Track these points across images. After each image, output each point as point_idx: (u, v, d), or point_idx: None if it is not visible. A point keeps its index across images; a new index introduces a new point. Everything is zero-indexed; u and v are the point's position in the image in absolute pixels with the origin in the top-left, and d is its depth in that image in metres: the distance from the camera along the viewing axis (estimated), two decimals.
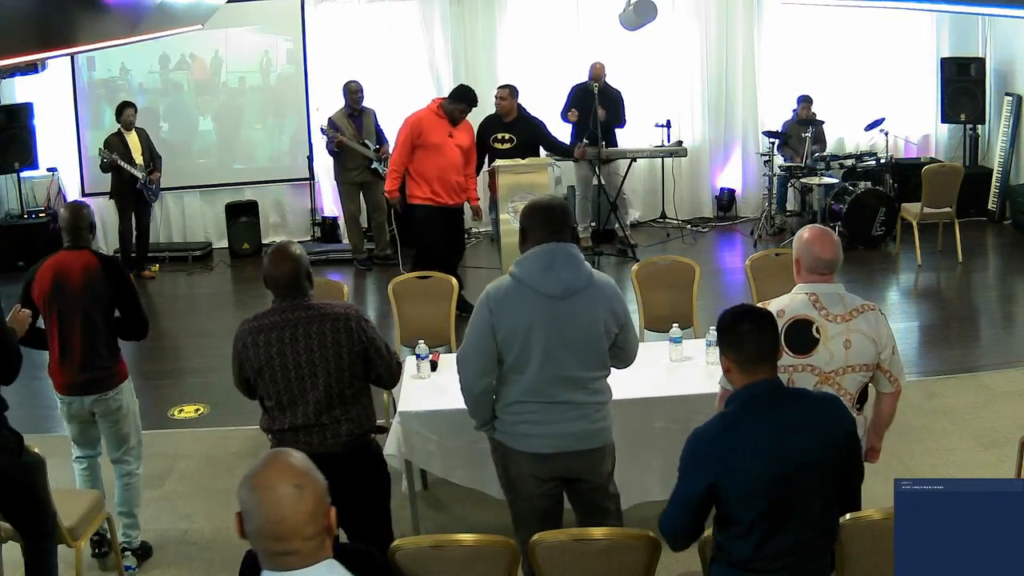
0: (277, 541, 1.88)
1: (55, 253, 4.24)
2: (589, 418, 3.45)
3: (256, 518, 1.88)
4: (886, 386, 3.48)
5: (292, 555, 1.89)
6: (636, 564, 3.00)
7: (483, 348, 3.40)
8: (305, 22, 10.00)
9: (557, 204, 3.51)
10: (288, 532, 1.88)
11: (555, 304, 3.34)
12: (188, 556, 4.60)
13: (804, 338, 3.35)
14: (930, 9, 9.04)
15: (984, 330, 7.55)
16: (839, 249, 3.47)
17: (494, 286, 3.45)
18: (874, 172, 9.57)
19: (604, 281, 3.47)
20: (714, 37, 10.36)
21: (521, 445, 3.47)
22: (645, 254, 8.72)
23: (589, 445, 3.47)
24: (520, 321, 3.35)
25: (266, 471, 1.91)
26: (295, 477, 1.90)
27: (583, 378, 3.42)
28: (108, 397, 4.30)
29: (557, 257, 3.37)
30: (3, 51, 3.15)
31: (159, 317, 8.62)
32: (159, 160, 9.18)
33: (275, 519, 1.87)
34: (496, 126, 7.82)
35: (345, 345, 3.46)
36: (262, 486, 1.89)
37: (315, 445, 3.45)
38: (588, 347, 3.40)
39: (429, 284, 5.71)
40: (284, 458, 1.95)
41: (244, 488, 1.91)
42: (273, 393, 3.49)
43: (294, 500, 1.88)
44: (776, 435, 2.69)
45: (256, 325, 3.48)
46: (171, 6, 5.66)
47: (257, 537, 1.90)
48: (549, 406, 3.41)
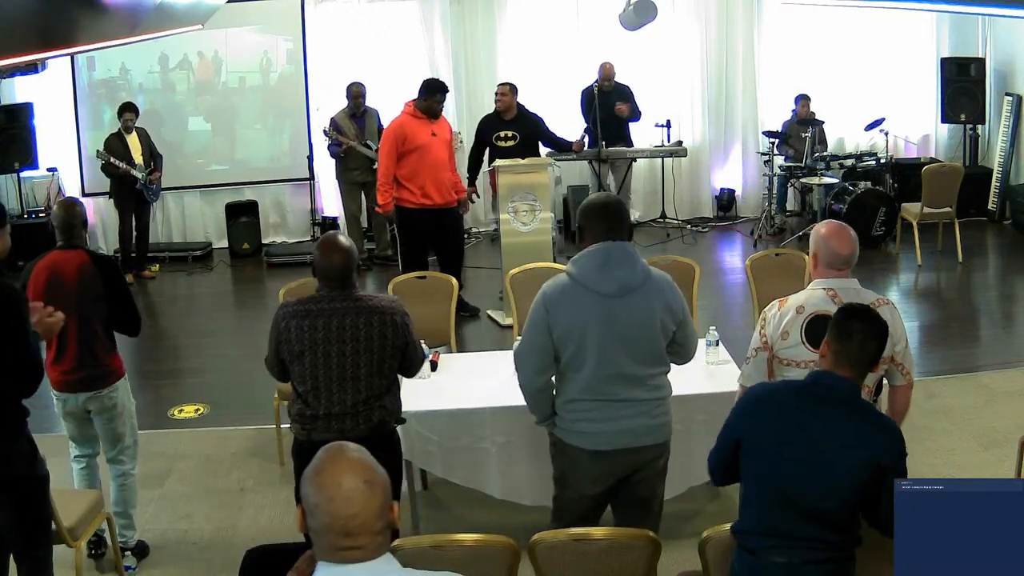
0: (347, 537, 1.88)
1: (48, 252, 4.25)
2: (650, 414, 3.46)
3: (325, 514, 1.87)
4: (899, 379, 3.51)
5: (359, 550, 1.89)
6: (636, 564, 3.00)
7: (539, 346, 3.41)
8: (305, 22, 10.00)
9: (613, 201, 3.50)
10: (358, 528, 1.88)
11: (611, 302, 3.34)
12: (188, 556, 4.59)
13: (824, 333, 3.36)
14: (930, 9, 9.03)
15: (984, 330, 7.55)
16: (856, 244, 3.50)
17: (550, 284, 3.46)
18: (874, 172, 9.57)
19: (661, 278, 3.46)
20: (714, 37, 10.36)
21: (580, 442, 3.48)
22: (645, 254, 8.63)
23: (650, 440, 3.48)
24: (576, 320, 3.36)
25: (334, 466, 1.90)
26: (364, 473, 1.91)
27: (641, 375, 3.42)
28: (103, 395, 4.30)
29: (612, 255, 3.37)
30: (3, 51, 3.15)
31: (159, 317, 8.63)
32: (159, 160, 9.18)
33: (347, 515, 1.87)
34: (497, 124, 7.82)
35: (389, 339, 3.55)
36: (333, 483, 1.88)
37: (347, 431, 3.50)
38: (645, 344, 3.39)
39: (429, 284, 5.71)
40: (351, 453, 1.94)
41: (310, 484, 1.90)
42: (310, 378, 3.54)
43: (365, 496, 1.89)
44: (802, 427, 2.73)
45: (301, 309, 3.54)
46: (171, 6, 5.66)
47: (325, 533, 1.89)
48: (607, 404, 3.41)
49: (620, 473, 3.50)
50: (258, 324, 7.44)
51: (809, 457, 2.71)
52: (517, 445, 4.33)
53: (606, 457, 3.45)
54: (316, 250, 3.60)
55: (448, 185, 7.28)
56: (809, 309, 3.41)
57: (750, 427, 2.84)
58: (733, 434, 2.89)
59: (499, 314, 7.53)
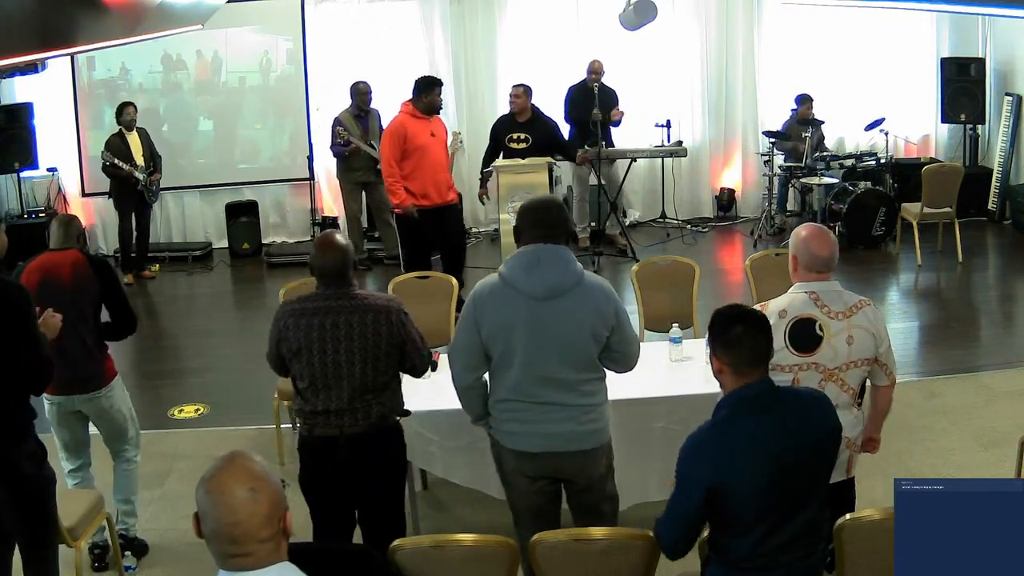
0: (232, 544, 1.90)
1: (40, 253, 4.26)
2: (577, 420, 3.42)
3: (212, 520, 1.90)
4: (882, 379, 3.54)
5: (247, 557, 1.91)
6: (636, 564, 3.00)
7: (468, 344, 3.43)
8: (305, 22, 10.00)
9: (551, 205, 3.50)
10: (242, 535, 1.89)
11: (538, 305, 3.33)
12: (188, 556, 4.59)
13: (808, 336, 3.37)
14: (930, 9, 9.03)
15: (984, 330, 7.55)
16: (835, 247, 3.50)
17: (482, 283, 3.48)
18: (874, 172, 9.57)
19: (595, 283, 3.42)
20: (714, 37, 10.35)
21: (509, 443, 3.50)
22: (645, 254, 8.72)
23: (578, 447, 3.44)
24: (502, 320, 3.36)
25: (221, 474, 1.93)
26: (250, 480, 1.92)
27: (571, 380, 3.39)
28: (100, 396, 4.31)
29: (542, 258, 3.36)
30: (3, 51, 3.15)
31: (159, 317, 8.63)
32: (159, 160, 9.18)
33: (230, 522, 1.89)
34: (511, 126, 7.80)
35: (384, 337, 3.57)
36: (217, 489, 1.90)
37: (346, 427, 3.56)
38: (574, 349, 3.37)
39: (429, 284, 5.71)
40: (240, 461, 1.96)
41: (200, 490, 1.93)
42: (308, 375, 3.57)
43: (249, 504, 1.90)
44: (771, 435, 2.70)
45: (299, 308, 3.58)
46: (171, 6, 5.66)
47: (213, 539, 1.91)
48: (534, 406, 3.41)
49: (552, 475, 3.50)
50: (258, 324, 7.44)
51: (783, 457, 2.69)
52: None
53: (534, 459, 3.46)
54: (312, 249, 3.66)
55: (445, 185, 7.29)
56: (792, 313, 3.41)
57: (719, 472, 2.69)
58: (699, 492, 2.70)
59: None
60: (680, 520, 2.78)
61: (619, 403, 3.69)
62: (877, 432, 3.71)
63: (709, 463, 2.71)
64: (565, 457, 3.45)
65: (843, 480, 3.56)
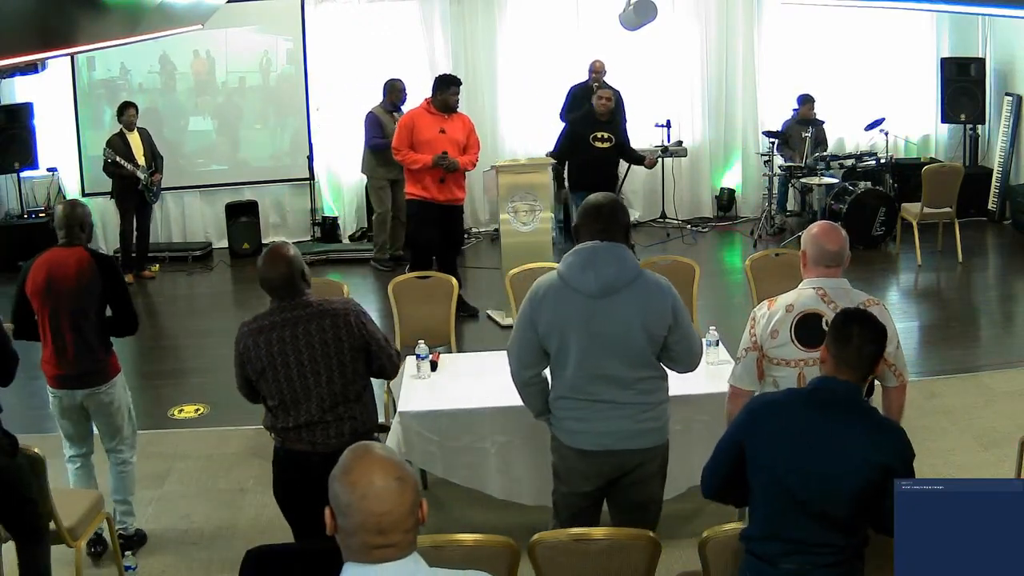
0: (380, 534, 1.88)
1: (47, 250, 4.27)
2: (635, 418, 3.41)
3: (358, 512, 1.87)
4: (891, 380, 3.50)
5: (392, 547, 1.90)
6: (636, 564, 3.00)
7: (525, 340, 3.43)
8: (305, 22, 10.00)
9: (607, 202, 3.47)
10: (391, 525, 1.88)
11: (593, 302, 3.33)
12: (188, 556, 4.59)
13: (815, 332, 3.37)
14: (930, 9, 9.04)
15: (984, 330, 7.56)
16: (845, 243, 3.50)
17: (540, 280, 3.47)
18: (874, 172, 9.57)
19: (652, 281, 3.41)
20: (714, 37, 10.36)
21: (568, 440, 3.49)
22: (645, 254, 8.71)
23: (634, 445, 3.43)
24: (558, 317, 3.36)
25: (364, 465, 1.91)
26: (395, 470, 1.91)
27: (627, 378, 3.39)
28: (101, 392, 4.33)
29: (598, 255, 3.36)
30: (3, 51, 3.15)
31: (159, 317, 8.63)
32: (160, 160, 9.17)
33: (380, 512, 1.87)
34: (595, 124, 7.80)
35: (346, 341, 3.47)
36: (365, 480, 1.88)
37: (319, 443, 3.48)
38: (629, 347, 3.36)
39: (429, 284, 5.71)
40: (380, 452, 1.95)
41: (340, 483, 1.89)
42: (276, 393, 3.50)
43: (397, 493, 1.89)
44: (807, 433, 2.72)
45: (256, 327, 3.49)
46: (171, 6, 5.67)
47: (358, 532, 1.88)
48: (591, 404, 3.41)
49: (608, 474, 3.48)
50: None
51: (817, 463, 2.70)
52: (517, 445, 4.33)
53: (591, 457, 3.45)
54: (259, 262, 3.52)
55: (450, 183, 7.31)
56: (798, 308, 3.41)
57: (754, 438, 2.81)
58: (735, 446, 2.86)
59: (499, 314, 7.53)
60: (714, 460, 2.94)
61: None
62: None
63: (753, 420, 2.83)
64: (622, 455, 3.44)
65: None
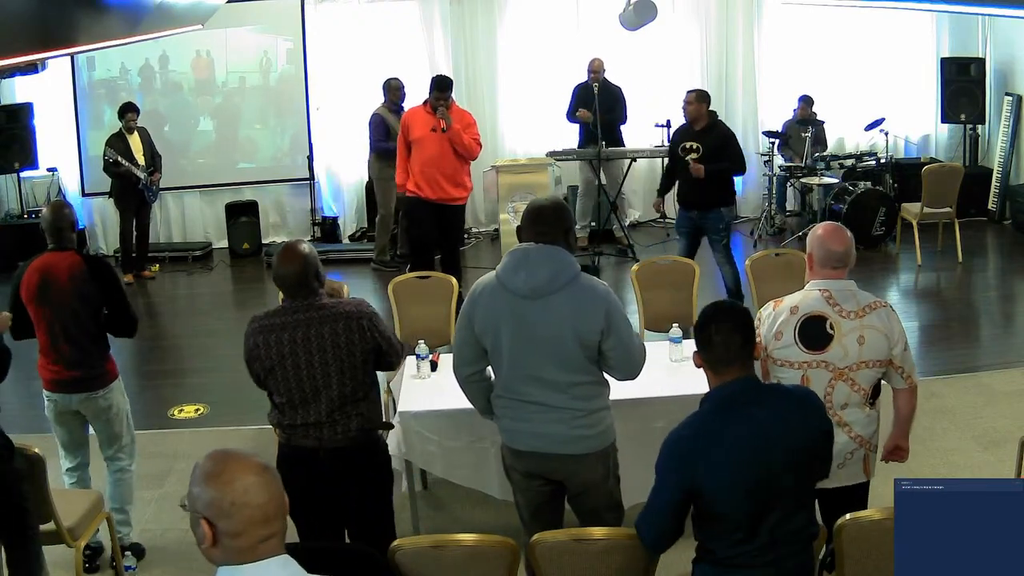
0: (265, 525, 1.91)
1: (41, 254, 4.24)
2: (567, 423, 3.38)
3: (244, 507, 1.89)
4: (899, 382, 3.49)
5: (274, 537, 1.93)
6: (636, 564, 3.00)
7: (463, 338, 3.47)
8: (305, 22, 10.00)
9: (549, 205, 3.47)
10: (274, 512, 1.92)
11: (523, 303, 3.32)
12: (188, 556, 4.59)
13: (819, 334, 3.37)
14: (930, 9, 9.04)
15: (984, 330, 7.55)
16: (851, 244, 3.49)
17: (480, 280, 3.50)
18: (874, 172, 9.57)
19: (587, 286, 3.35)
20: (714, 37, 10.36)
21: (505, 438, 3.53)
22: (645, 254, 8.72)
23: (568, 450, 3.40)
24: (491, 316, 3.37)
25: (234, 465, 1.93)
26: (259, 463, 1.96)
27: (561, 382, 3.36)
28: (98, 396, 4.30)
29: (530, 257, 3.35)
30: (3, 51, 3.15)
31: (159, 317, 8.63)
32: (160, 160, 9.18)
33: (263, 502, 1.90)
34: (685, 134, 7.21)
35: (358, 344, 3.48)
36: (240, 478, 1.91)
37: (326, 440, 3.49)
38: (559, 350, 3.33)
39: (429, 284, 5.71)
40: (237, 452, 1.98)
41: (215, 489, 1.90)
42: (284, 391, 3.50)
43: (272, 482, 1.94)
44: (752, 434, 2.70)
45: (266, 324, 3.49)
46: (171, 6, 5.67)
47: (246, 529, 1.90)
48: (522, 404, 3.41)
49: (544, 475, 3.48)
50: None
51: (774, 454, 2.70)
52: None
53: (526, 457, 3.46)
54: (274, 259, 3.53)
55: (441, 180, 7.27)
56: (803, 310, 3.41)
57: (697, 476, 2.71)
58: (678, 493, 2.75)
59: None
60: (658, 516, 2.81)
61: (619, 403, 3.68)
62: (903, 439, 3.61)
63: (688, 460, 2.73)
64: (553, 459, 3.42)
65: (858, 484, 3.51)
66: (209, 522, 1.90)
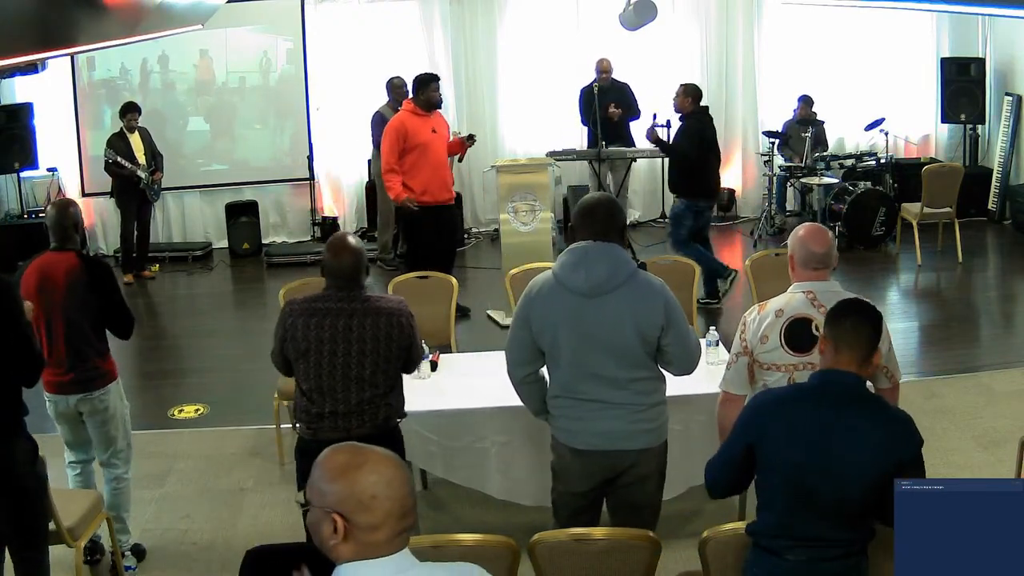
0: (404, 517, 1.91)
1: (42, 254, 4.24)
2: (628, 419, 3.40)
3: (386, 500, 1.87)
4: (883, 382, 3.50)
5: (410, 529, 1.94)
6: (636, 564, 3.00)
7: (519, 339, 3.45)
8: (305, 22, 10.00)
9: (601, 202, 3.47)
10: (411, 504, 1.93)
11: (583, 302, 3.33)
12: (188, 556, 4.59)
13: (804, 336, 3.37)
14: (930, 9, 9.03)
15: (984, 330, 7.56)
16: (832, 244, 3.50)
17: (535, 280, 3.48)
18: (874, 172, 9.58)
19: (645, 282, 3.39)
20: (714, 37, 10.36)
21: (562, 438, 3.50)
22: (645, 254, 8.72)
23: (628, 446, 3.42)
24: (549, 316, 3.37)
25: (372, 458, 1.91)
26: (394, 457, 1.94)
27: (621, 378, 3.37)
28: (94, 397, 4.28)
29: (589, 255, 3.35)
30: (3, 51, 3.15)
31: (159, 317, 8.64)
32: (160, 160, 9.18)
33: (404, 494, 1.90)
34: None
35: (396, 340, 3.58)
36: (381, 471, 1.89)
37: (353, 430, 3.53)
38: (621, 347, 3.35)
39: (429, 284, 5.71)
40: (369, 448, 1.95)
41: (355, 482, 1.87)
42: (314, 376, 3.55)
43: (407, 475, 1.94)
44: (823, 429, 2.71)
45: (309, 308, 3.56)
46: (171, 6, 5.66)
47: (385, 521, 1.88)
48: (582, 403, 3.41)
49: (602, 474, 3.48)
50: (258, 324, 7.44)
51: (834, 461, 2.69)
52: (517, 445, 4.33)
53: (585, 456, 3.45)
54: (326, 250, 3.63)
55: (447, 182, 7.30)
56: (788, 313, 3.41)
57: (763, 435, 2.79)
58: (742, 444, 2.85)
59: (499, 314, 7.53)
60: (722, 464, 2.94)
61: None
62: None
63: (759, 420, 2.83)
64: (616, 455, 3.43)
65: None
66: (343, 516, 1.86)
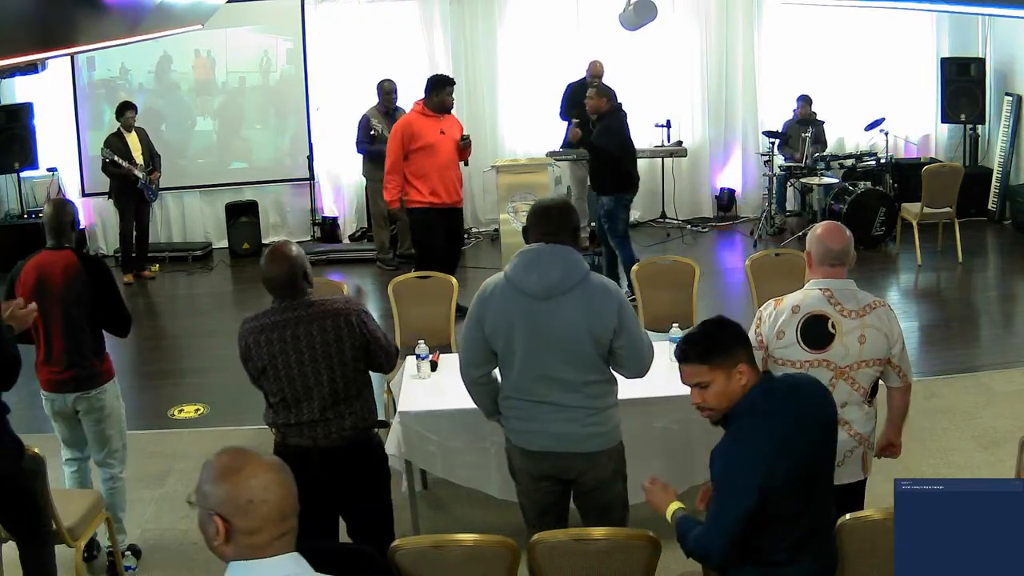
0: (283, 520, 1.91)
1: (38, 252, 4.24)
2: (580, 421, 3.39)
3: (263, 504, 1.89)
4: (895, 381, 3.52)
5: (290, 532, 1.93)
6: (636, 564, 3.00)
7: (472, 340, 3.45)
8: (305, 22, 10.00)
9: (555, 205, 3.49)
10: (290, 508, 1.93)
11: (536, 304, 3.32)
12: (188, 556, 4.59)
13: (820, 333, 3.38)
14: (930, 9, 9.03)
15: (984, 330, 7.56)
16: (850, 242, 3.50)
17: (488, 281, 3.49)
18: (874, 172, 9.57)
19: (598, 284, 3.38)
20: (714, 37, 10.36)
21: (515, 439, 3.51)
22: (645, 254, 8.71)
23: (581, 448, 3.42)
24: (502, 318, 3.37)
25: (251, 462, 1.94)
26: (275, 461, 1.97)
27: (573, 381, 3.37)
28: (91, 396, 4.28)
29: (542, 257, 3.35)
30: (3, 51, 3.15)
31: (159, 317, 8.64)
32: (159, 160, 9.18)
33: (282, 496, 1.91)
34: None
35: (347, 340, 3.48)
36: (259, 475, 1.91)
37: (320, 439, 3.50)
38: (574, 349, 3.34)
39: (429, 284, 5.71)
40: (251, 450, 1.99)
41: (234, 485, 1.90)
42: (277, 391, 3.51)
43: (288, 478, 1.95)
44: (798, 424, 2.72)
45: (257, 325, 3.50)
46: (171, 6, 5.67)
47: (264, 526, 1.89)
48: (535, 405, 3.41)
49: (556, 475, 3.48)
50: None
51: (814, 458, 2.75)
52: None
53: (536, 457, 3.46)
54: (262, 261, 3.53)
55: (456, 184, 7.28)
56: (805, 309, 3.41)
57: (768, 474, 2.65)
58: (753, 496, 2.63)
59: None
60: (737, 526, 2.66)
61: (619, 403, 3.68)
62: (896, 436, 3.68)
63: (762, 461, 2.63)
64: (568, 458, 3.43)
65: (857, 482, 3.54)
66: (223, 519, 1.89)
